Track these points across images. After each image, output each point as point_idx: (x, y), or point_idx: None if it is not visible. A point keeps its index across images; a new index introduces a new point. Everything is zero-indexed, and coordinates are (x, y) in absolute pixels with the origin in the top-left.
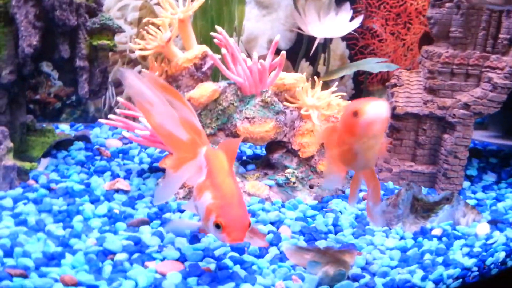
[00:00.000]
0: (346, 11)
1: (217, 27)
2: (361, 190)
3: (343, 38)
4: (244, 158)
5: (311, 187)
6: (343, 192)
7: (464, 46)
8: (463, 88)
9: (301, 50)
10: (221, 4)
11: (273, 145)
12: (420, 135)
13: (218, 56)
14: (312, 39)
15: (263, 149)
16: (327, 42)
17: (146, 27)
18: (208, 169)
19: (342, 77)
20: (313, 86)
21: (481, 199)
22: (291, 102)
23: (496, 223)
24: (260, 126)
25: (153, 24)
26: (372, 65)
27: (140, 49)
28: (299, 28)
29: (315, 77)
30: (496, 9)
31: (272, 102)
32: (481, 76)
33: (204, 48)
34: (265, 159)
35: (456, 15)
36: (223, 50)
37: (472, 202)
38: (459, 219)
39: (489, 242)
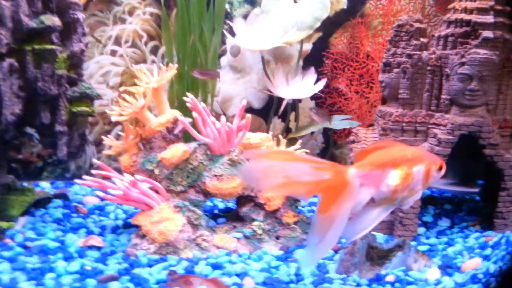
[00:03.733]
0: (311, 74)
1: (188, 94)
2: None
3: (312, 97)
4: (216, 211)
5: (277, 238)
6: None
7: (412, 106)
8: (412, 143)
9: (272, 109)
10: None
11: (242, 200)
12: None
13: (189, 120)
14: (281, 99)
15: (235, 202)
16: (295, 101)
17: (122, 95)
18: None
19: (312, 132)
20: (278, 143)
21: (434, 244)
22: None
23: (445, 268)
24: (228, 183)
25: (129, 92)
26: (336, 122)
27: (117, 115)
28: (269, 90)
29: (280, 136)
30: None
31: (239, 161)
32: (428, 132)
33: (176, 113)
34: (235, 212)
35: (403, 79)
36: (194, 114)
37: (424, 247)
38: (411, 265)
39: (439, 287)
